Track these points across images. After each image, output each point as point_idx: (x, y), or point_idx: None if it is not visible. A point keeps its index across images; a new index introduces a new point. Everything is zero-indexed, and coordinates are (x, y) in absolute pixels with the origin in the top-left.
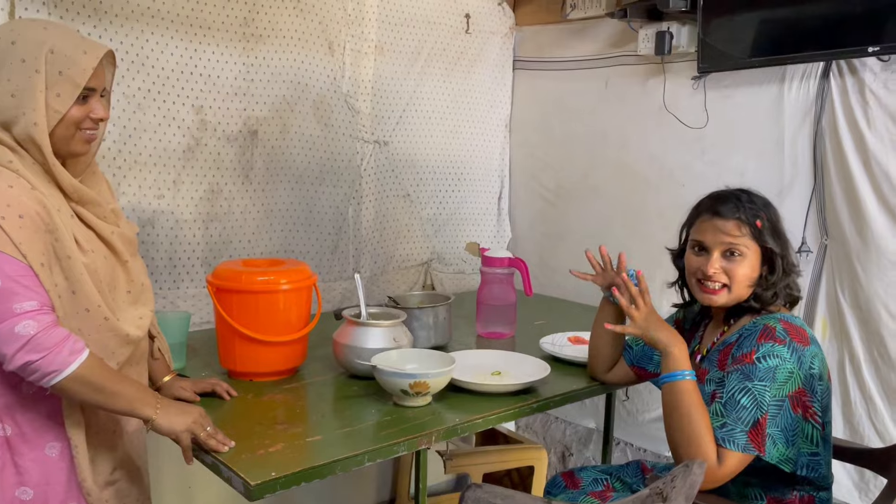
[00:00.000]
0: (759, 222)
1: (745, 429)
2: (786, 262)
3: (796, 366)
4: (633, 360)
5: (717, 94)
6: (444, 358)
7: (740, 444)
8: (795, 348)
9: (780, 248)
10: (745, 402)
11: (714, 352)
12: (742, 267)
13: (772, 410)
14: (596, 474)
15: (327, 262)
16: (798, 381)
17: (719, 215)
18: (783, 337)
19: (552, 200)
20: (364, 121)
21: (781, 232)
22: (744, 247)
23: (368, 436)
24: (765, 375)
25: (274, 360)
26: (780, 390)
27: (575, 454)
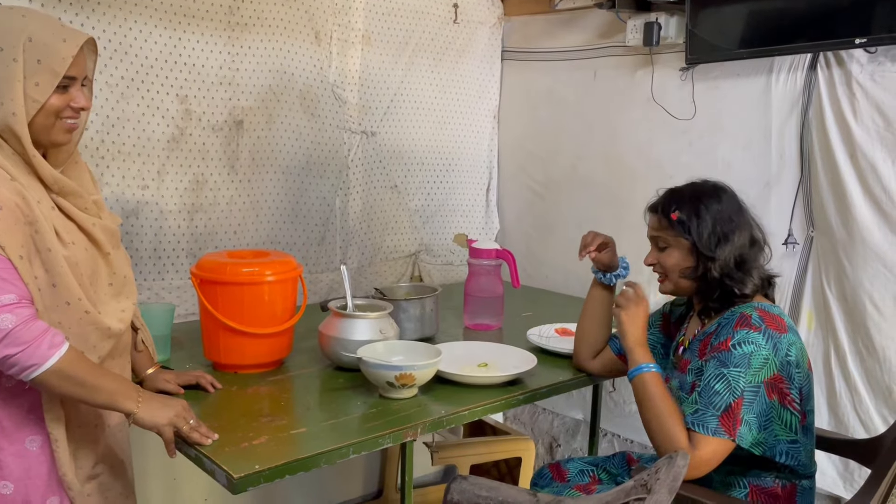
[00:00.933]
0: (674, 215)
1: (716, 413)
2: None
3: (771, 352)
4: (620, 349)
5: (704, 85)
6: (431, 350)
7: (710, 427)
8: (771, 335)
9: (699, 239)
10: (719, 387)
11: (695, 342)
12: (668, 258)
13: (747, 396)
14: (582, 466)
15: (314, 253)
16: (773, 368)
17: (651, 210)
18: (758, 324)
19: (540, 192)
20: (351, 111)
21: (708, 223)
22: (665, 238)
23: (354, 428)
24: (740, 361)
25: (259, 353)
26: (756, 376)
27: (563, 445)
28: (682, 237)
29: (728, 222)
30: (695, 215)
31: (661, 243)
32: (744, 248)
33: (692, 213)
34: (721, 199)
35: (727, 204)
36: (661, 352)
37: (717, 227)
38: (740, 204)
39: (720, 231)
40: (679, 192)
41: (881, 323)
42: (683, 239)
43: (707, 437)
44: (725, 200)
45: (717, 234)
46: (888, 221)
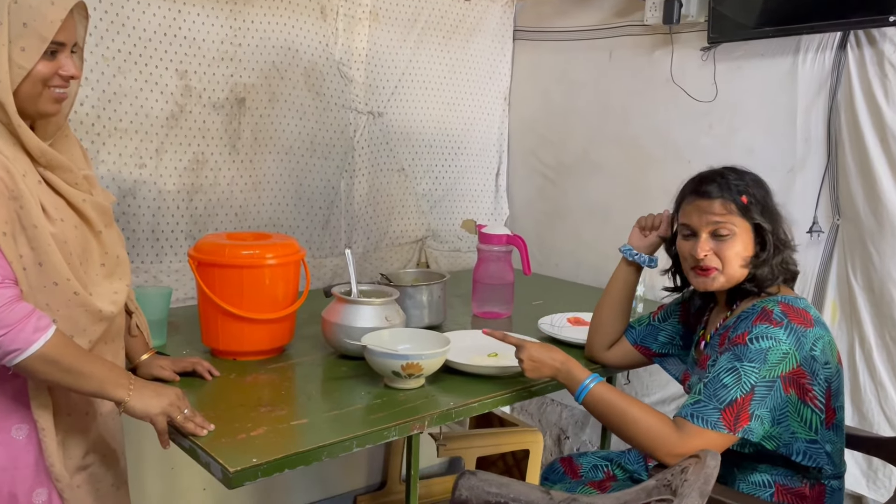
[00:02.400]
0: (744, 198)
1: (718, 406)
2: (776, 238)
3: (793, 347)
4: (637, 338)
5: (727, 66)
6: (439, 338)
7: (710, 420)
8: (794, 329)
9: (770, 224)
10: (728, 381)
11: (715, 337)
12: (733, 246)
13: (759, 391)
14: (596, 460)
15: (318, 237)
16: (793, 362)
17: (703, 195)
18: (780, 319)
19: (552, 177)
20: (357, 90)
21: (771, 208)
22: (731, 225)
23: (357, 420)
24: (755, 357)
25: (259, 339)
26: (772, 371)
27: (571, 437)
28: (749, 222)
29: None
30: (764, 196)
31: (723, 231)
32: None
33: (763, 195)
34: (763, 182)
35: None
36: (680, 343)
37: (776, 210)
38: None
39: (777, 214)
40: (736, 175)
41: None
42: (750, 224)
43: (702, 430)
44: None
45: (779, 219)
46: None
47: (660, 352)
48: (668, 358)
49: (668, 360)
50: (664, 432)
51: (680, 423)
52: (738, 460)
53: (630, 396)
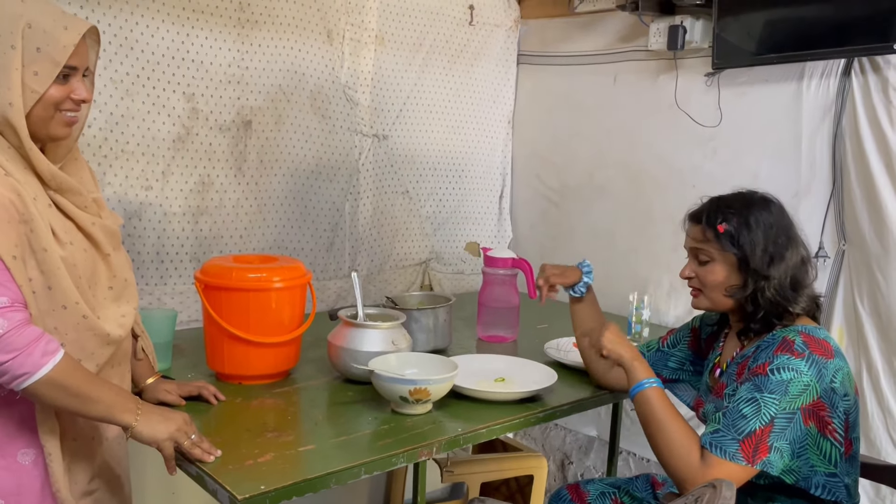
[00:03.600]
0: (721, 227)
1: (737, 437)
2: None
3: (815, 379)
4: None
5: (731, 91)
6: (446, 363)
7: (729, 451)
8: (815, 361)
9: (749, 256)
10: (748, 411)
11: (733, 365)
12: (711, 272)
13: (779, 423)
14: (603, 488)
15: (322, 259)
16: (814, 394)
17: (692, 219)
18: (801, 350)
19: (555, 200)
20: (363, 113)
21: (760, 238)
22: (708, 252)
23: (365, 446)
24: (776, 388)
25: (265, 363)
26: (792, 403)
27: (575, 463)
28: (728, 252)
29: (782, 237)
30: (745, 228)
31: (702, 256)
32: (797, 267)
33: (742, 225)
34: (772, 212)
35: (778, 217)
36: (691, 369)
37: (769, 242)
38: (790, 218)
39: (773, 248)
40: (726, 201)
41: None
42: (731, 254)
43: (722, 461)
44: (776, 213)
45: (769, 251)
46: None
47: (671, 378)
48: (678, 384)
49: (678, 385)
50: (688, 458)
51: (704, 455)
52: (752, 490)
53: (677, 412)
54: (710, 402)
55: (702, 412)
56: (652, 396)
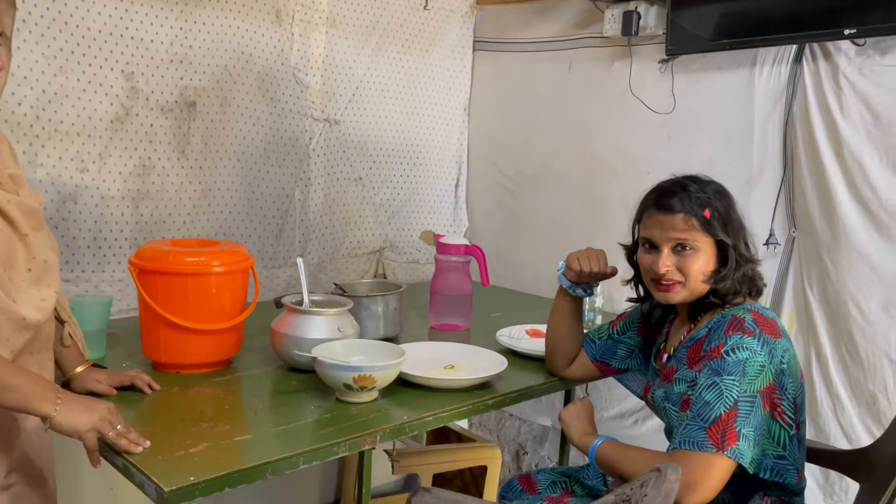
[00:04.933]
0: (707, 212)
1: (703, 425)
2: (738, 253)
3: (767, 359)
4: (597, 354)
5: (684, 78)
6: (393, 350)
7: (696, 441)
8: (766, 340)
9: (732, 239)
10: (710, 397)
11: (682, 349)
12: (695, 262)
13: (742, 407)
14: (554, 476)
15: (271, 247)
16: (769, 377)
17: (665, 209)
18: (752, 328)
19: (511, 188)
20: (314, 97)
21: (734, 220)
22: (694, 241)
23: (306, 435)
24: (734, 369)
25: (204, 351)
26: (751, 385)
27: (530, 453)
28: (711, 237)
29: (742, 224)
30: (726, 209)
31: (686, 247)
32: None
33: (723, 207)
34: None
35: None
36: (640, 357)
37: (740, 220)
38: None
39: (741, 227)
40: (697, 187)
41: (866, 328)
42: (713, 239)
43: (690, 454)
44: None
45: (743, 228)
46: (875, 222)
47: (620, 367)
48: (628, 374)
49: (628, 376)
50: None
51: (672, 453)
52: None
53: (630, 446)
54: (658, 387)
55: (650, 397)
56: (602, 450)
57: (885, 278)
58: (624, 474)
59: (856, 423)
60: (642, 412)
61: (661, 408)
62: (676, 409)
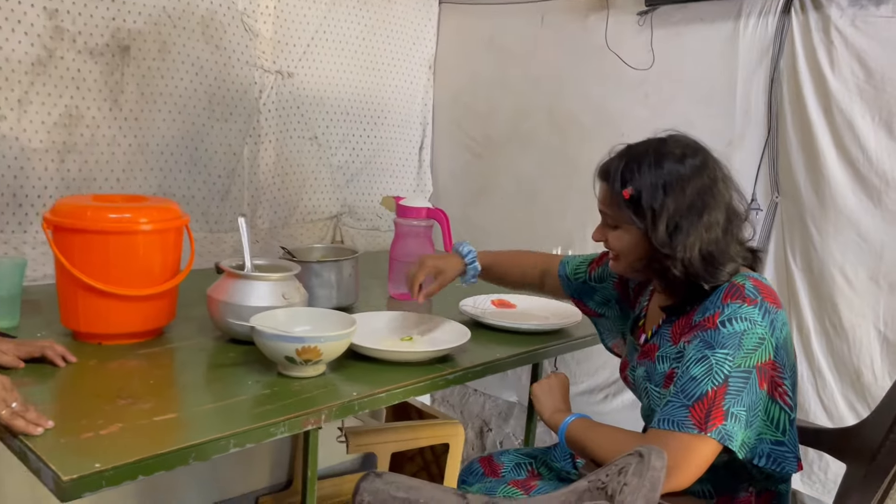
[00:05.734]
0: (626, 192)
1: (686, 402)
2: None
3: (768, 331)
4: (573, 292)
5: (664, 31)
6: (343, 319)
7: (675, 420)
8: (768, 310)
9: (653, 232)
10: (697, 372)
11: (666, 325)
12: (619, 240)
13: (734, 383)
14: (518, 458)
15: (216, 209)
16: (769, 351)
17: (599, 175)
18: (753, 295)
19: (479, 152)
20: (264, 46)
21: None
22: (615, 217)
23: (240, 413)
24: (728, 341)
25: (129, 319)
26: (747, 360)
27: (494, 430)
28: (633, 225)
29: (695, 205)
30: (653, 195)
31: (609, 221)
32: (714, 236)
33: (652, 191)
34: (688, 167)
35: (695, 174)
36: (617, 309)
37: (679, 212)
38: (714, 171)
39: (682, 219)
40: (637, 155)
41: (852, 298)
42: (635, 227)
43: (668, 433)
44: (693, 169)
45: (676, 222)
46: (865, 185)
47: (596, 311)
48: (602, 320)
49: (602, 322)
50: (626, 444)
51: (648, 433)
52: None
53: (602, 424)
54: (638, 364)
55: (629, 376)
56: (573, 428)
57: (875, 245)
58: (595, 456)
59: (838, 399)
60: (613, 387)
61: (643, 388)
62: (659, 389)
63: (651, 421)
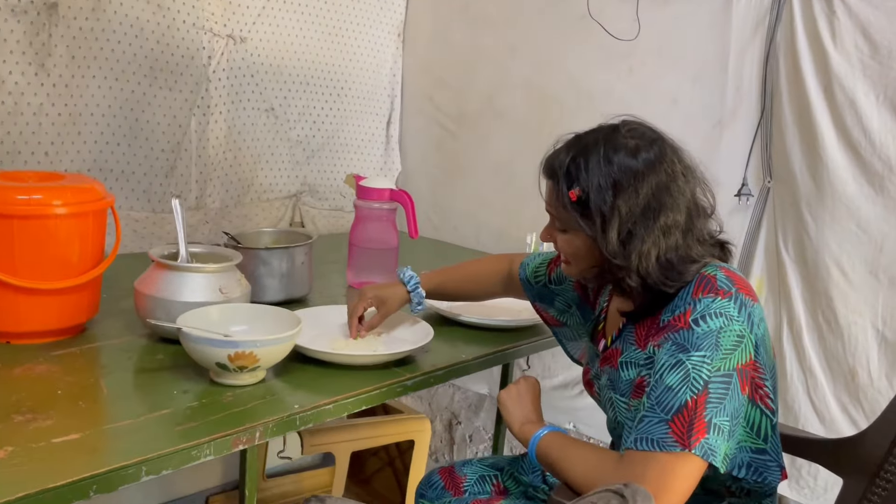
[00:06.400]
0: (573, 193)
1: (665, 417)
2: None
3: (746, 327)
4: (535, 297)
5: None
6: (285, 318)
7: (655, 438)
8: (744, 303)
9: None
10: (673, 380)
11: (628, 330)
12: (566, 244)
13: (715, 389)
14: (483, 470)
15: (160, 187)
16: (749, 349)
17: (544, 173)
18: (727, 287)
19: (451, 128)
20: (213, 7)
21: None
22: (561, 219)
23: (158, 433)
24: (703, 341)
25: (42, 315)
26: (726, 361)
27: (463, 423)
28: (581, 230)
29: (650, 207)
30: (602, 197)
31: (557, 223)
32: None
33: (601, 191)
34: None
35: (650, 170)
36: (579, 316)
37: (632, 216)
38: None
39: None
40: (585, 148)
41: (849, 293)
42: (583, 233)
43: (647, 454)
44: (647, 164)
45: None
46: (866, 170)
47: (558, 319)
48: (564, 329)
49: (563, 331)
50: (601, 468)
51: (625, 455)
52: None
53: (577, 440)
54: (601, 372)
55: (592, 384)
56: (544, 443)
57: (875, 236)
58: (567, 478)
59: (830, 401)
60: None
61: (607, 398)
62: (626, 399)
63: (618, 434)
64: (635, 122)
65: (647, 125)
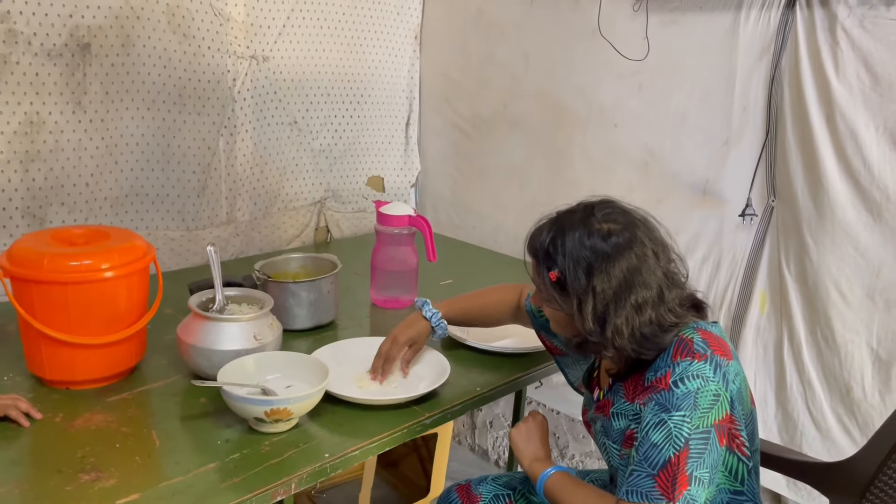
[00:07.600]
0: (552, 274)
1: (651, 472)
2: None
3: (721, 386)
4: (539, 326)
5: (661, 19)
6: (314, 367)
7: (643, 491)
8: (719, 363)
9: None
10: (657, 438)
11: (618, 384)
12: (551, 314)
13: (695, 446)
14: (497, 489)
15: (193, 206)
16: (725, 406)
17: (527, 250)
18: (703, 350)
19: (468, 131)
20: (236, 31)
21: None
22: (543, 294)
23: (206, 491)
24: (683, 402)
25: (95, 366)
26: (704, 419)
27: (484, 409)
28: (559, 310)
29: (622, 287)
30: (577, 279)
31: (542, 295)
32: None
33: (575, 274)
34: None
35: (620, 255)
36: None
37: (605, 297)
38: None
39: (608, 304)
40: (563, 230)
41: (846, 313)
42: (561, 313)
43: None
44: (616, 248)
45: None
46: (865, 198)
47: (560, 349)
48: (566, 358)
49: (566, 361)
50: None
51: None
52: None
53: (581, 482)
54: (596, 416)
55: (590, 422)
56: (551, 484)
57: (872, 262)
58: None
59: (827, 412)
60: None
61: (601, 443)
62: (618, 447)
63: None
64: (610, 205)
65: (620, 206)
